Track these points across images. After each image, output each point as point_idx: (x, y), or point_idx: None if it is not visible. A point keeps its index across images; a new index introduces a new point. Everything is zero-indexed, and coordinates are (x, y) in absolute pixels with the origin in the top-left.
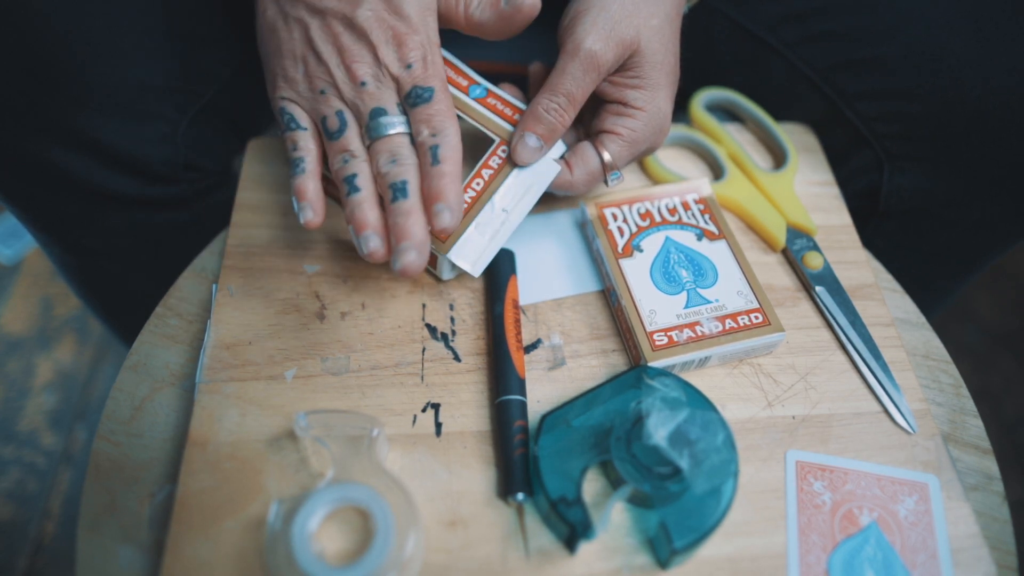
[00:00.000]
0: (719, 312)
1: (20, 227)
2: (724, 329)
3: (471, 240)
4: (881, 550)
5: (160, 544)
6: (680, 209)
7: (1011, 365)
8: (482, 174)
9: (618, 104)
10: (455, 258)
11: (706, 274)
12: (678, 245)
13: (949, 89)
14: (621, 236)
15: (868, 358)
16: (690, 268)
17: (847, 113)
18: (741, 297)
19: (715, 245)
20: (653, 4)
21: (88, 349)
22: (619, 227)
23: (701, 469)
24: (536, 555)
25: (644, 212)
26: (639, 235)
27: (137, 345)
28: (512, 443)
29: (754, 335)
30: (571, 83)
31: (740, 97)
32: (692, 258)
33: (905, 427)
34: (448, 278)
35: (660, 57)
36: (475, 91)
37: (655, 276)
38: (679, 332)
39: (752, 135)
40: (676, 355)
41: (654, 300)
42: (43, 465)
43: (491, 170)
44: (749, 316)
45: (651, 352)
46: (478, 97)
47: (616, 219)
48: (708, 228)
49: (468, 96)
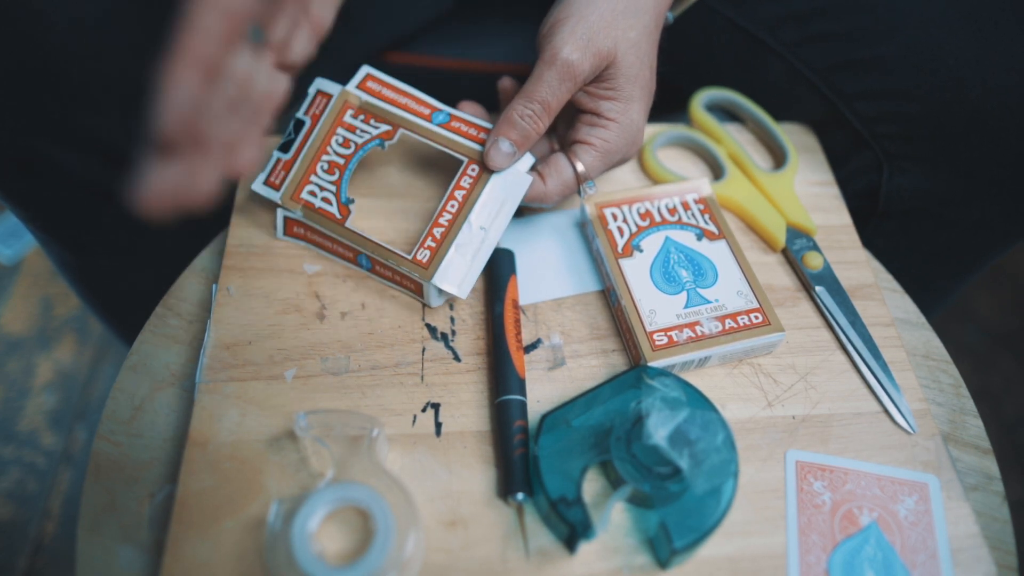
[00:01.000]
0: (719, 312)
1: (20, 227)
2: (724, 329)
3: (453, 263)
4: (881, 550)
5: (160, 544)
6: (680, 209)
7: (1011, 365)
8: (455, 195)
9: (592, 115)
10: (440, 283)
11: (706, 274)
12: (678, 245)
13: (948, 89)
14: (621, 236)
15: (868, 358)
16: (690, 268)
17: (846, 114)
18: (741, 297)
19: (715, 245)
20: (632, 16)
21: (88, 349)
22: (619, 227)
23: (701, 469)
24: (536, 555)
25: (644, 212)
26: (639, 235)
27: (137, 345)
28: (512, 443)
29: (754, 335)
30: (547, 91)
31: (740, 97)
32: (692, 258)
33: (905, 427)
34: (437, 304)
35: (635, 70)
36: (438, 117)
37: (655, 276)
38: (679, 332)
39: (752, 135)
40: (676, 355)
41: (654, 300)
42: (43, 465)
43: (463, 190)
44: (749, 316)
45: (651, 352)
46: (442, 123)
47: (616, 219)
48: (708, 228)
49: (432, 123)
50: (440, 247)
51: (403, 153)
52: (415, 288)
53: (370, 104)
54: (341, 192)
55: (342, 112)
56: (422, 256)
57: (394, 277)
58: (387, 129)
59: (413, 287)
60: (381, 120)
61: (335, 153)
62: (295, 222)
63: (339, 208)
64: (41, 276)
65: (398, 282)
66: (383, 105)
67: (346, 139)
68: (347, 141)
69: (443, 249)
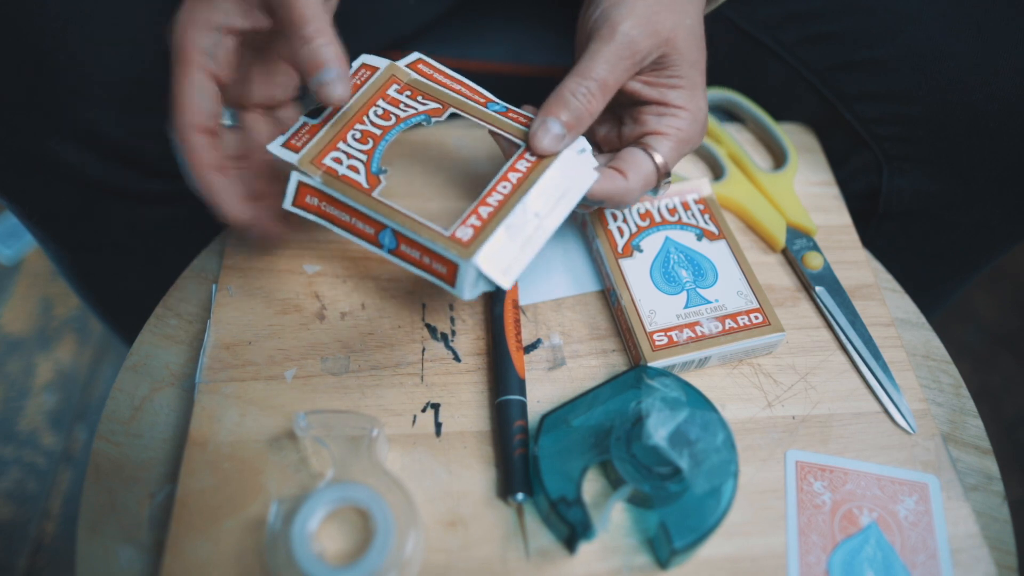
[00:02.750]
0: (719, 312)
1: (20, 227)
2: (724, 329)
3: (502, 245)
4: (881, 550)
5: (160, 544)
6: (680, 209)
7: (1011, 365)
8: (508, 177)
9: (659, 105)
10: (483, 264)
11: (706, 274)
12: (678, 245)
13: (948, 91)
14: (621, 236)
15: (868, 358)
16: (690, 268)
17: (846, 115)
18: (741, 297)
19: (715, 245)
20: (687, 3)
21: (88, 349)
22: (619, 227)
23: (701, 469)
24: (536, 555)
25: (644, 212)
26: (639, 235)
27: (137, 345)
28: (512, 443)
29: (754, 335)
30: (604, 68)
31: (740, 97)
32: (692, 258)
33: (905, 427)
34: (470, 297)
35: (696, 55)
36: (494, 107)
37: (655, 276)
38: (679, 332)
39: (752, 135)
40: (676, 355)
41: (654, 300)
42: (43, 465)
43: (519, 173)
44: (749, 316)
45: (651, 352)
46: (498, 111)
47: (616, 219)
48: (708, 228)
49: (487, 109)
50: (486, 226)
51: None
52: (447, 276)
53: (419, 82)
54: (373, 162)
55: (387, 85)
56: (463, 234)
57: (421, 260)
58: (436, 107)
59: (445, 273)
60: (430, 98)
61: (371, 123)
62: (310, 190)
63: (367, 177)
64: (41, 276)
65: (426, 267)
66: (434, 85)
67: (387, 111)
68: (387, 113)
69: (490, 228)
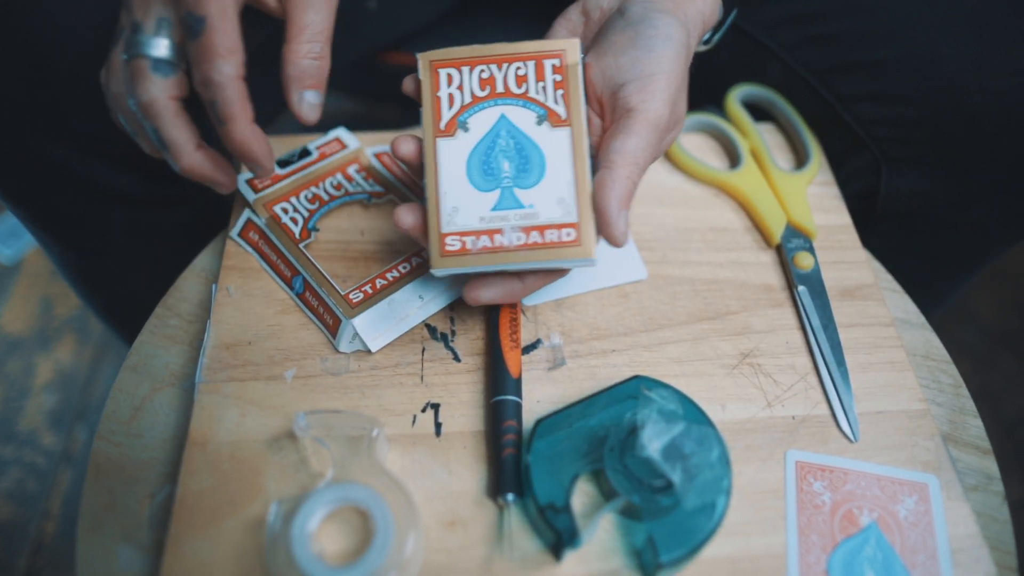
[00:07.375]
0: (527, 221)
1: (20, 227)
2: (526, 243)
3: (380, 315)
4: (881, 550)
5: (160, 544)
6: (531, 77)
7: (1011, 365)
8: (411, 260)
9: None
10: (359, 325)
11: (531, 170)
12: (511, 128)
13: (946, 92)
14: (450, 107)
15: (830, 362)
16: (515, 160)
17: (844, 116)
18: (560, 206)
19: (555, 133)
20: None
21: (88, 349)
22: (450, 93)
23: (693, 484)
24: (524, 559)
25: (487, 77)
26: (471, 108)
27: (137, 345)
28: (501, 443)
29: (556, 255)
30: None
31: (777, 96)
32: (521, 147)
33: (848, 435)
34: (345, 350)
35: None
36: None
37: (472, 165)
38: (475, 239)
39: (781, 137)
40: (465, 265)
41: (461, 195)
42: (43, 465)
43: (422, 260)
44: (560, 231)
45: (439, 258)
46: None
47: (451, 82)
48: (554, 109)
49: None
50: (375, 295)
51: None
52: (332, 327)
53: (375, 168)
54: (312, 219)
55: (350, 163)
56: (355, 296)
57: (317, 308)
58: (380, 190)
59: (331, 324)
60: (379, 183)
61: (324, 190)
62: (253, 227)
63: (302, 231)
64: (41, 276)
65: (319, 315)
66: (387, 175)
67: (340, 184)
68: (340, 185)
69: (378, 298)
